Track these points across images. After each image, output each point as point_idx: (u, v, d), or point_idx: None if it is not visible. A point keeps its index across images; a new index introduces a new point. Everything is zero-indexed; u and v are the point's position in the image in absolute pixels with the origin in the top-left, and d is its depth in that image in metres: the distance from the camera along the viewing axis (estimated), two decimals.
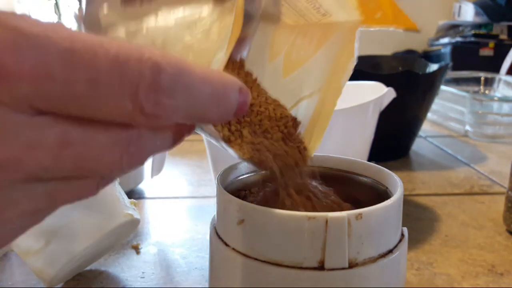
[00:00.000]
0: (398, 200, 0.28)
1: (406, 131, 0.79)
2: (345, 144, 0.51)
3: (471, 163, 0.76)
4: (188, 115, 0.18)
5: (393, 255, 0.28)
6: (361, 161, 0.35)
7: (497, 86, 1.11)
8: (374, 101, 0.52)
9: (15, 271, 0.43)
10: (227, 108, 0.19)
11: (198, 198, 0.62)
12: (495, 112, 0.92)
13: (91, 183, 0.19)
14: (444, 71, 0.78)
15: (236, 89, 0.19)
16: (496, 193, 0.63)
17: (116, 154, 0.18)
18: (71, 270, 0.39)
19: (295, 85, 0.30)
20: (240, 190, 0.33)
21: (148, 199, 0.61)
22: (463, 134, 0.95)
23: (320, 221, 0.25)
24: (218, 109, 0.19)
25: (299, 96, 0.30)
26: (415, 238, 0.49)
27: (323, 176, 0.36)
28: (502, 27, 2.52)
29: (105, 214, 0.39)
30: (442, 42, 2.65)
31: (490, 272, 0.43)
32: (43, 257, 0.37)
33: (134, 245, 0.47)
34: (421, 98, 0.76)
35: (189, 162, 0.77)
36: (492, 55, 2.40)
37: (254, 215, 0.27)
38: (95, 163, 0.17)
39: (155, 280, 0.41)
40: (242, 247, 0.27)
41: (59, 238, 0.37)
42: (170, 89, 0.17)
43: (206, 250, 0.46)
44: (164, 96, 0.17)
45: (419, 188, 0.65)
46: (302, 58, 0.30)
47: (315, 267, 0.26)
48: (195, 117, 0.18)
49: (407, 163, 0.77)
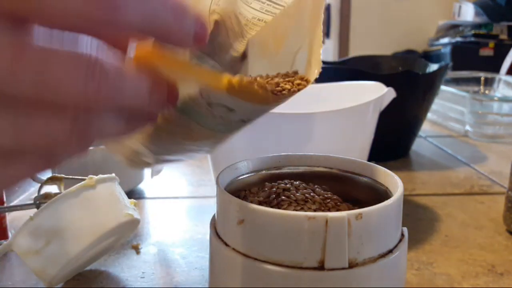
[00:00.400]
0: (398, 200, 0.28)
1: (406, 131, 0.79)
2: (345, 144, 0.51)
3: (471, 163, 0.76)
4: (146, 22, 0.18)
5: (393, 255, 0.28)
6: (361, 161, 0.35)
7: (497, 86, 1.11)
8: (374, 101, 0.52)
9: (15, 271, 0.43)
10: (186, 27, 0.19)
11: (198, 198, 0.62)
12: (495, 112, 0.92)
13: (63, 123, 0.17)
14: (444, 71, 0.78)
15: (193, 15, 0.20)
16: (496, 193, 0.63)
17: (78, 81, 0.17)
18: (71, 270, 0.39)
19: (288, 50, 0.31)
20: (240, 190, 0.33)
21: (148, 199, 0.62)
22: (463, 134, 0.95)
23: (320, 221, 0.25)
24: (177, 25, 0.19)
25: (293, 56, 0.30)
26: (415, 238, 0.49)
27: (323, 176, 0.36)
28: (502, 27, 2.52)
29: (105, 214, 0.39)
30: (442, 42, 2.65)
31: (490, 272, 0.43)
32: (43, 257, 0.37)
33: (134, 245, 0.47)
34: (421, 98, 0.76)
35: (189, 162, 0.77)
36: (492, 55, 2.40)
37: (254, 215, 0.27)
38: (55, 86, 0.16)
39: (155, 280, 0.41)
40: (242, 247, 0.27)
41: (59, 238, 0.37)
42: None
43: (206, 250, 0.46)
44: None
45: (419, 188, 0.65)
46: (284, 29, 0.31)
47: (315, 267, 0.26)
48: (153, 28, 0.18)
49: (407, 163, 0.77)
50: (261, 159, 0.36)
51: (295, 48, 0.30)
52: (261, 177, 0.35)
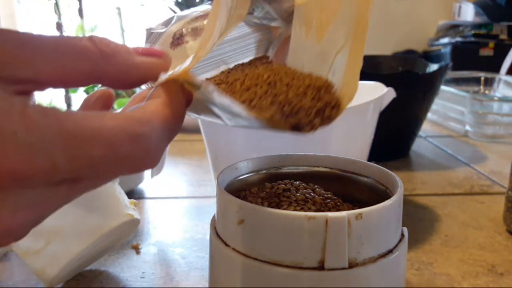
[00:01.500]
0: (398, 200, 0.28)
1: (406, 131, 0.79)
2: (345, 144, 0.51)
3: (471, 163, 0.76)
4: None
5: (393, 255, 0.28)
6: (361, 161, 0.35)
7: (497, 86, 1.10)
8: (374, 101, 0.52)
9: (15, 271, 0.43)
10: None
11: (198, 198, 0.62)
12: (495, 112, 0.92)
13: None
14: (444, 71, 0.78)
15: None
16: (496, 193, 0.63)
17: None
18: (71, 270, 0.39)
19: (330, 43, 0.30)
20: (240, 190, 0.33)
21: (148, 199, 0.62)
22: (463, 134, 0.95)
23: (320, 221, 0.25)
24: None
25: (333, 54, 0.30)
26: (415, 238, 0.49)
27: (323, 176, 0.36)
28: (502, 27, 2.52)
29: (105, 214, 0.39)
30: (442, 42, 2.65)
31: (490, 272, 0.43)
32: (43, 257, 0.37)
33: (134, 245, 0.47)
34: (421, 98, 0.76)
35: (189, 162, 0.77)
36: (492, 55, 2.40)
37: (254, 215, 0.27)
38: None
39: (155, 280, 0.41)
40: (242, 247, 0.27)
41: (59, 238, 0.37)
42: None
43: (206, 250, 0.46)
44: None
45: (419, 188, 0.65)
46: (330, 15, 0.30)
47: (315, 267, 0.26)
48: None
49: (407, 163, 0.77)
50: (261, 159, 0.36)
51: (338, 44, 0.28)
52: (261, 177, 0.35)
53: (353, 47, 0.27)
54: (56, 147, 0.17)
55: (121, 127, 0.19)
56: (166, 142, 0.22)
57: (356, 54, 0.27)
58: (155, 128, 0.21)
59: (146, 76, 0.23)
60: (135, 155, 0.20)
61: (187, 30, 0.36)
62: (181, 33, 0.37)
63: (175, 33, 0.37)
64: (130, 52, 0.22)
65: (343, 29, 0.28)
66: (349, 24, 0.28)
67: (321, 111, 0.26)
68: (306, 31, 0.32)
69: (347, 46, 0.28)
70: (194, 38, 0.35)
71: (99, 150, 0.19)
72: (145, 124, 0.20)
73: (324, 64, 0.30)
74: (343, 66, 0.28)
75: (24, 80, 0.18)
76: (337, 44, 0.29)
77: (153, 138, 0.21)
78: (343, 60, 0.28)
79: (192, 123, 0.92)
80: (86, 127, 0.18)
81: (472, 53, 2.42)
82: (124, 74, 0.22)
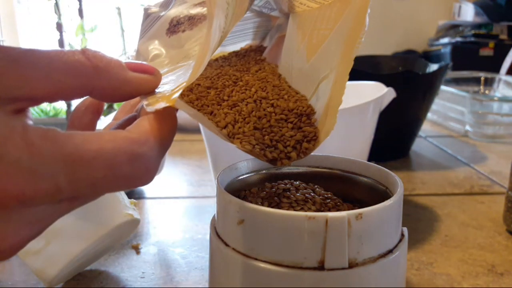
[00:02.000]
0: (398, 200, 0.28)
1: (406, 131, 0.79)
2: (345, 144, 0.51)
3: (471, 163, 0.76)
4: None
5: (393, 255, 0.28)
6: (361, 161, 0.35)
7: (497, 86, 1.11)
8: (374, 101, 0.52)
9: (15, 271, 0.43)
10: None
11: (198, 198, 0.62)
12: (495, 112, 0.92)
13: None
14: (444, 71, 0.78)
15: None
16: (496, 193, 0.63)
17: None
18: (71, 270, 0.39)
19: (316, 68, 0.30)
20: (240, 190, 0.33)
21: (148, 199, 0.62)
22: (463, 134, 0.95)
23: (320, 221, 0.25)
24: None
25: (318, 79, 0.30)
26: (415, 238, 0.49)
27: (323, 176, 0.36)
28: (502, 27, 2.52)
29: (105, 214, 0.39)
30: (442, 42, 2.66)
31: (490, 272, 0.43)
32: (43, 257, 0.37)
33: (134, 245, 0.47)
34: (421, 98, 0.76)
35: (189, 162, 0.77)
36: (492, 55, 2.40)
37: (254, 215, 0.27)
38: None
39: (155, 280, 0.41)
40: (242, 247, 0.27)
41: (59, 238, 0.37)
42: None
43: (206, 250, 0.46)
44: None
45: (419, 188, 0.65)
46: (321, 39, 0.30)
47: (315, 267, 0.26)
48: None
49: (407, 163, 0.77)
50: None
51: (323, 72, 0.29)
52: (261, 177, 0.35)
53: (335, 86, 0.28)
54: (58, 170, 0.18)
55: (120, 149, 0.20)
56: (162, 156, 0.23)
57: (337, 93, 0.28)
58: (153, 148, 0.22)
59: (137, 92, 0.24)
60: (134, 174, 0.21)
61: (184, 18, 0.37)
62: (178, 20, 0.37)
63: (172, 19, 0.37)
64: (122, 67, 0.23)
65: (329, 58, 0.29)
66: (335, 57, 0.28)
67: (299, 143, 0.28)
68: (299, 41, 0.33)
69: (332, 76, 0.28)
70: (191, 28, 0.35)
71: (99, 171, 0.19)
72: (143, 144, 0.21)
73: (309, 86, 0.31)
74: (326, 97, 0.29)
75: (19, 98, 0.19)
76: (322, 72, 0.30)
77: (151, 157, 0.21)
78: (326, 90, 0.29)
79: (192, 123, 0.92)
80: (86, 150, 0.19)
81: (472, 53, 2.43)
82: (115, 89, 0.22)
